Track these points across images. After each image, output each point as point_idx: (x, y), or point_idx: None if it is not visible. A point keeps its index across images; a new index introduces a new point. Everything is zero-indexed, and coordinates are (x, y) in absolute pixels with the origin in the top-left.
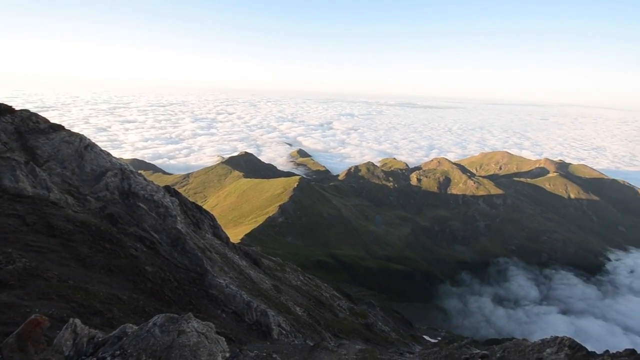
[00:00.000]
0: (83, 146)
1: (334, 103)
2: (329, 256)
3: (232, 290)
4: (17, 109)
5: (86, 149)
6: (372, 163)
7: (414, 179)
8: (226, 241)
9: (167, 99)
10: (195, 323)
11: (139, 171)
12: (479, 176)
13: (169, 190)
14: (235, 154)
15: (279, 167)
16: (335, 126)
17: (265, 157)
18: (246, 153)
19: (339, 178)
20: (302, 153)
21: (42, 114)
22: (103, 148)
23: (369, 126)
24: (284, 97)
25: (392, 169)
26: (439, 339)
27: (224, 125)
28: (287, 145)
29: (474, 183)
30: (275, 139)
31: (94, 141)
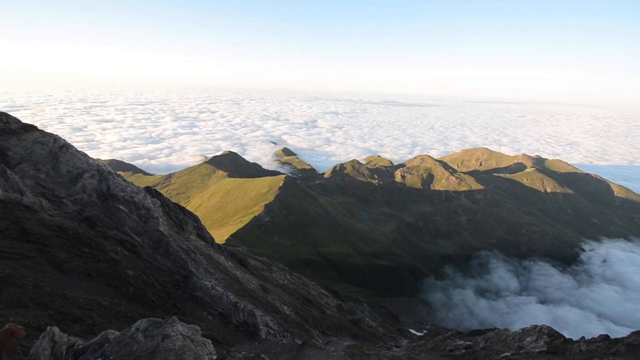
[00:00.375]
0: (58, 147)
1: (318, 101)
2: (316, 254)
3: (218, 292)
4: None
5: (61, 150)
6: (357, 161)
7: (398, 175)
8: (211, 242)
9: (147, 97)
10: (180, 326)
11: (118, 172)
12: (461, 172)
13: (150, 191)
14: (219, 153)
15: (264, 166)
16: (320, 124)
17: (249, 156)
18: (230, 152)
19: (325, 176)
20: (287, 152)
21: (13, 114)
22: (79, 149)
23: (354, 124)
24: (267, 95)
25: (377, 166)
26: (425, 332)
27: (207, 124)
28: (272, 144)
29: (456, 179)
30: (260, 137)
31: (69, 142)
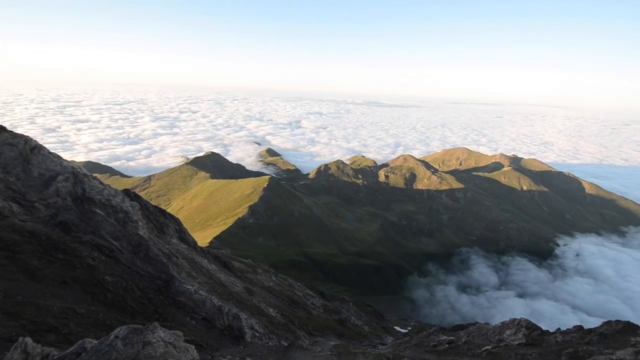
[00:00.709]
0: (29, 148)
1: (302, 102)
2: (302, 255)
3: (202, 296)
4: None
5: (32, 152)
6: (342, 161)
7: (382, 175)
8: (193, 245)
9: (124, 96)
10: (162, 332)
11: (94, 174)
12: (442, 172)
13: (129, 194)
14: (200, 154)
15: (247, 167)
16: (304, 125)
17: (233, 157)
18: (213, 153)
19: (310, 177)
20: (272, 152)
21: None
22: (52, 150)
23: (338, 125)
24: (251, 95)
25: (361, 166)
26: (409, 328)
27: (188, 124)
28: (256, 145)
29: (438, 178)
30: (243, 138)
31: (41, 143)
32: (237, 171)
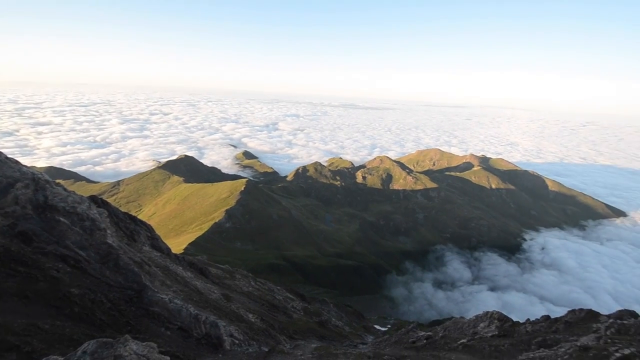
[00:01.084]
0: None
1: (278, 104)
2: (281, 258)
3: (177, 305)
4: None
5: None
6: (320, 163)
7: (359, 176)
8: (167, 252)
9: (89, 98)
10: (134, 345)
11: (57, 181)
12: (417, 172)
13: (96, 200)
14: (173, 158)
15: (223, 170)
16: (281, 127)
17: (208, 160)
18: (186, 156)
19: (288, 179)
20: (248, 155)
21: None
22: (9, 155)
23: (315, 127)
24: (225, 97)
25: (339, 168)
26: (389, 326)
27: (159, 126)
28: (232, 147)
29: (413, 178)
30: (219, 140)
31: None
32: (213, 174)
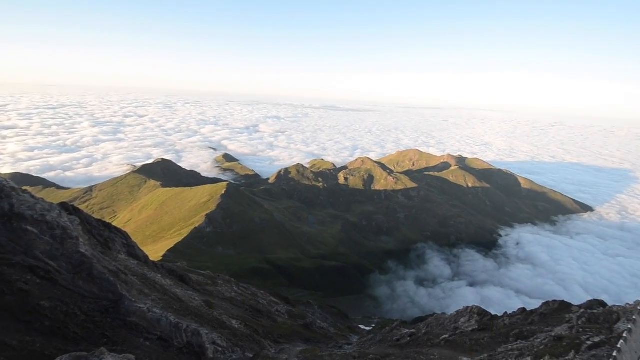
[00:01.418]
0: None
1: (259, 105)
2: (264, 262)
3: (156, 314)
4: None
5: None
6: (302, 165)
7: (341, 178)
8: (145, 260)
9: (58, 99)
10: (111, 358)
11: (24, 187)
12: (397, 172)
13: (67, 207)
14: (150, 161)
15: (203, 174)
16: (262, 129)
17: (186, 164)
18: (163, 160)
19: (270, 181)
20: (229, 157)
21: None
22: None
23: (296, 128)
24: (204, 99)
25: (321, 169)
26: (373, 326)
27: (134, 129)
28: (211, 150)
29: (393, 179)
30: (197, 143)
31: None
32: (192, 178)
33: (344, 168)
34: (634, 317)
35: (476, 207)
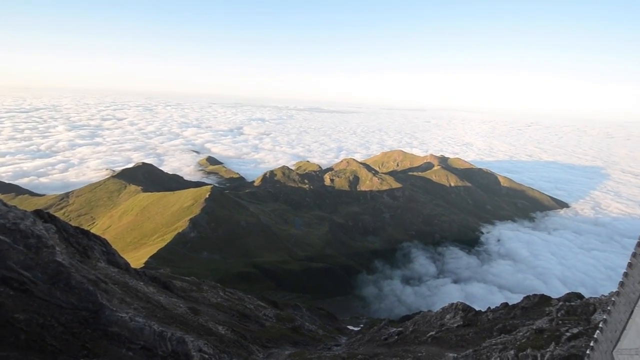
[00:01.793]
0: None
1: (242, 107)
2: (251, 266)
3: (139, 323)
4: None
5: None
6: (287, 167)
7: (327, 179)
8: (126, 267)
9: (31, 103)
10: None
11: None
12: (382, 173)
13: (42, 215)
14: (130, 166)
15: (186, 178)
16: (247, 131)
17: (168, 167)
18: (144, 164)
19: (255, 184)
20: (212, 160)
21: None
22: None
23: (281, 130)
24: (185, 101)
25: (307, 171)
26: (361, 326)
27: (113, 132)
28: (194, 153)
29: (379, 179)
30: (180, 146)
31: None
32: (174, 182)
33: (330, 169)
34: (609, 308)
35: (459, 206)
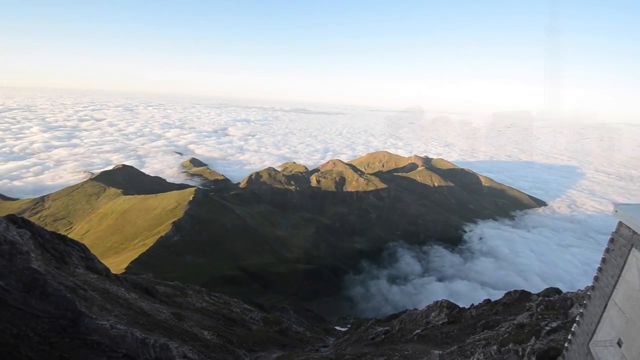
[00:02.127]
0: None
1: (227, 108)
2: (237, 269)
3: (120, 330)
4: None
5: None
6: (273, 168)
7: (313, 180)
8: (106, 273)
9: (4, 102)
10: None
11: None
12: (368, 174)
13: (15, 220)
14: (109, 168)
15: (168, 180)
16: (232, 132)
17: (150, 169)
18: (124, 166)
19: (240, 186)
20: (196, 162)
21: None
22: None
23: (267, 132)
24: (168, 101)
25: (293, 172)
26: (349, 326)
27: (91, 134)
28: (177, 155)
29: (365, 180)
30: (162, 148)
31: None
32: (156, 185)
33: (316, 171)
34: (585, 302)
35: (442, 205)
